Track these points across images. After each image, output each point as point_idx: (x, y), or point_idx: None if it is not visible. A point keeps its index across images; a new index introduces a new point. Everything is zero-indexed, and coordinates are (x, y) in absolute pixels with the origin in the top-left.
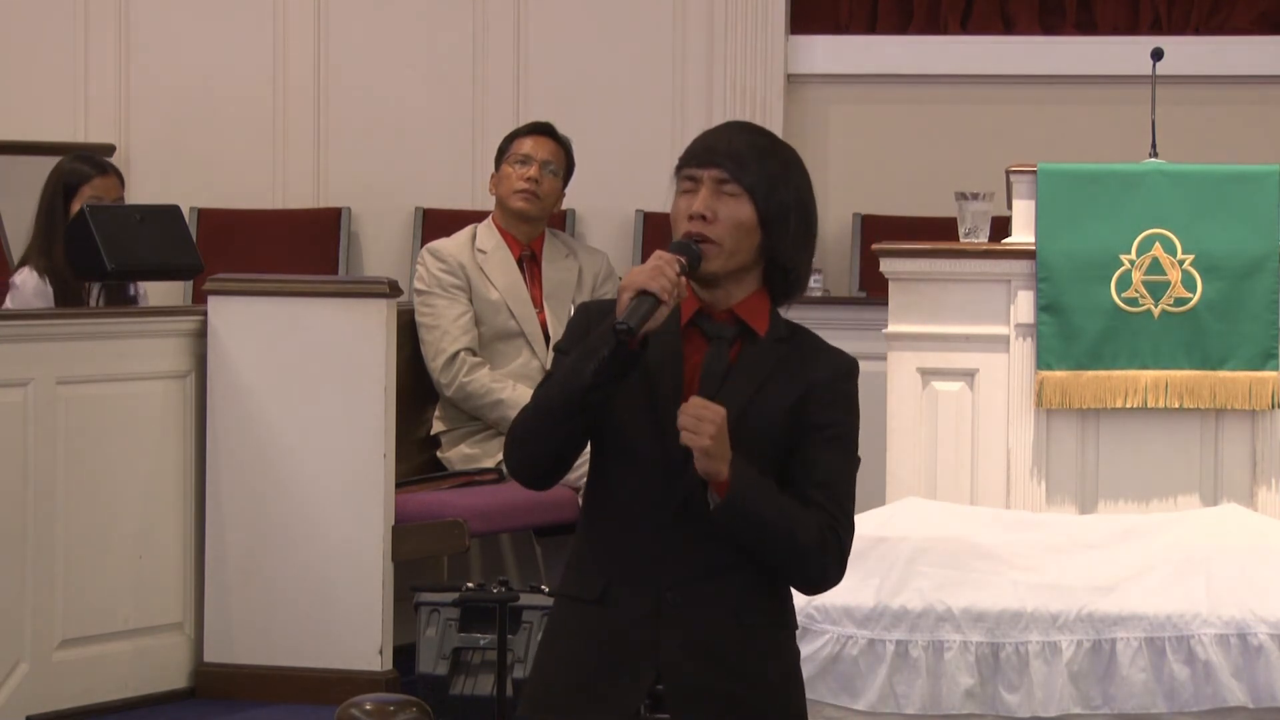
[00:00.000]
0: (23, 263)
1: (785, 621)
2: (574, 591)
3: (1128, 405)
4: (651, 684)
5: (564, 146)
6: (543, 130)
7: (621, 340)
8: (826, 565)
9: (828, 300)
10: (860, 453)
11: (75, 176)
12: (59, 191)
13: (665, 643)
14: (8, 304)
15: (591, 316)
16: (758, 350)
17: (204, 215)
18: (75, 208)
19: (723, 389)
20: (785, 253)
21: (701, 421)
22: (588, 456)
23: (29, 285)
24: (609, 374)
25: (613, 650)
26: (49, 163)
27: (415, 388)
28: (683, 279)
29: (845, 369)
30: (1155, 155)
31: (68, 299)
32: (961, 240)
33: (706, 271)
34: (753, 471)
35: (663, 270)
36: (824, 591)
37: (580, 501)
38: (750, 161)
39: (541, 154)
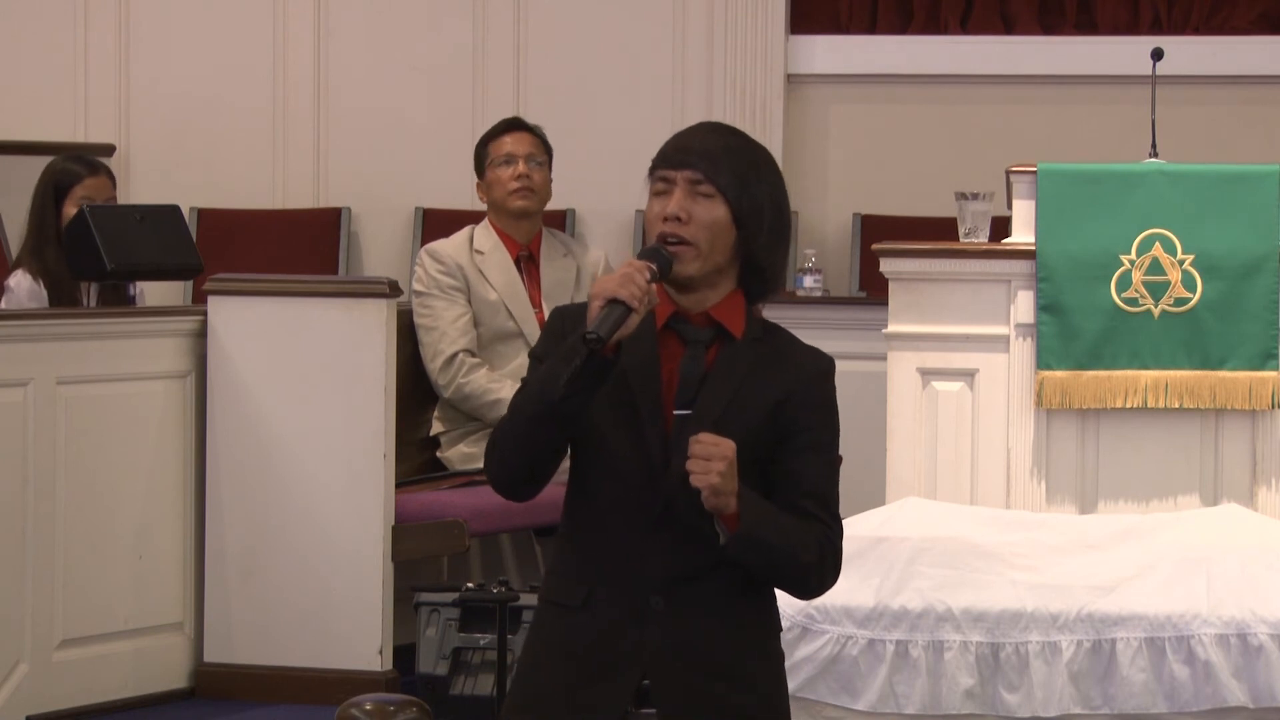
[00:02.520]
0: (16, 265)
1: (770, 622)
2: (557, 597)
3: (1128, 405)
4: (637, 687)
5: (539, 135)
6: (515, 126)
7: (593, 350)
8: (824, 577)
9: (828, 300)
10: (860, 453)
11: (66, 177)
12: (49, 193)
13: (650, 646)
14: (3, 306)
15: (566, 322)
16: (735, 352)
17: (204, 215)
18: (67, 208)
19: (701, 392)
20: (760, 252)
21: (711, 460)
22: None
23: (23, 288)
24: (583, 383)
25: (598, 655)
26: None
27: (415, 388)
28: (653, 286)
29: (824, 370)
30: (1155, 155)
31: (62, 301)
32: (961, 240)
33: (683, 275)
34: (757, 499)
35: (632, 278)
36: (818, 597)
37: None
38: (723, 161)
39: (522, 149)
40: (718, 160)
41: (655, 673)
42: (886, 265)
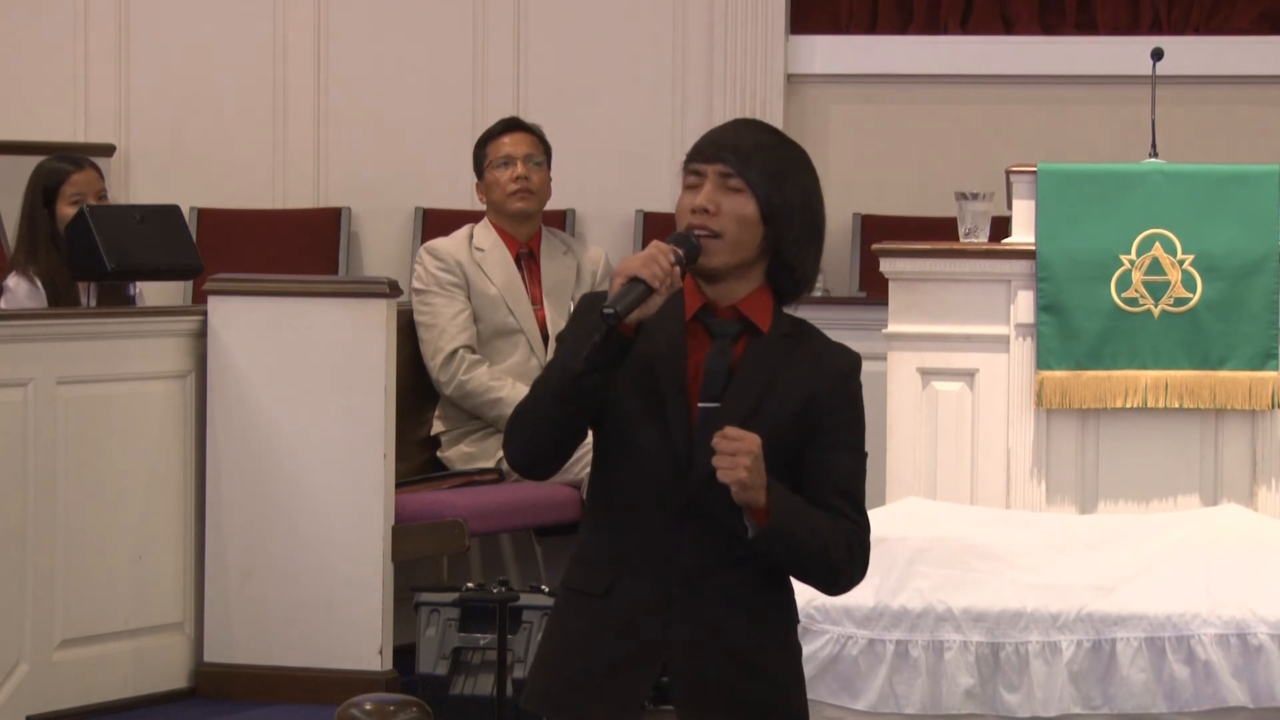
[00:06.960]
0: (12, 267)
1: (789, 615)
2: (580, 585)
3: (1128, 405)
4: (657, 677)
5: (537, 134)
6: (513, 126)
7: (610, 325)
8: (854, 573)
9: (828, 300)
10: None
11: (54, 177)
12: (39, 195)
13: (672, 637)
14: (2, 307)
15: (595, 306)
16: (762, 347)
17: (204, 215)
18: (60, 207)
19: (728, 387)
20: (788, 249)
21: (738, 455)
22: (588, 449)
23: (21, 289)
24: (601, 360)
25: (619, 644)
26: None
27: (415, 388)
28: (677, 270)
29: (850, 368)
30: (1155, 155)
31: (61, 301)
32: (961, 240)
33: (709, 266)
34: (787, 494)
35: (655, 259)
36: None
37: (584, 495)
38: (755, 157)
39: (521, 149)
40: (749, 156)
41: (676, 664)
42: (886, 265)
